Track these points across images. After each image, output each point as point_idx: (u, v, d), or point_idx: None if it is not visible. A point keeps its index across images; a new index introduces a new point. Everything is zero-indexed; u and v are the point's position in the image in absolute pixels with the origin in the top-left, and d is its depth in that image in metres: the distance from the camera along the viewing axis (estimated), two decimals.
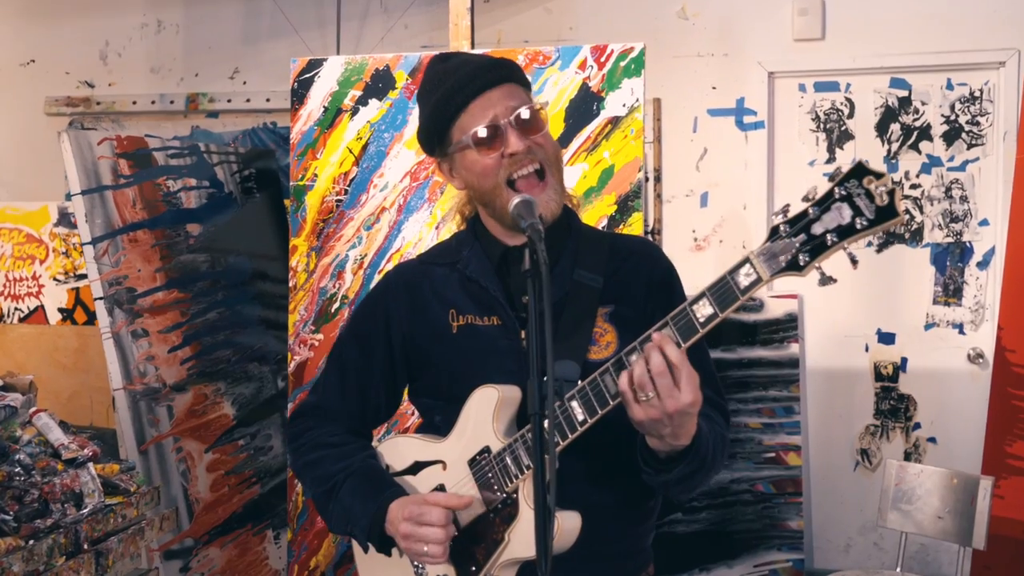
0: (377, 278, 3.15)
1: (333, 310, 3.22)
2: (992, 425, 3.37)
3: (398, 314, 1.97)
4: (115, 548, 2.64)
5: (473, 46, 3.29)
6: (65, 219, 4.75)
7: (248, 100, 5.29)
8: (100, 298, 3.41)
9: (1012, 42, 4.50)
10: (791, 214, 1.54)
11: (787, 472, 4.76)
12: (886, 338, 4.79)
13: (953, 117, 4.66)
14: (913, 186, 4.71)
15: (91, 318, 4.62)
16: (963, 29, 4.57)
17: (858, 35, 4.69)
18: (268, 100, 5.26)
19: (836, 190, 1.50)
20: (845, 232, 1.49)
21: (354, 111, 3.22)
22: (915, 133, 4.70)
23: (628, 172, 3.03)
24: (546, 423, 1.54)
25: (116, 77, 5.42)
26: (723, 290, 1.58)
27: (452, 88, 1.83)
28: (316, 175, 3.23)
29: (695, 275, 1.99)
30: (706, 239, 4.91)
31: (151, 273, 3.64)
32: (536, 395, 1.53)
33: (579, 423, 1.70)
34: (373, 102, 3.20)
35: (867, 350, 4.82)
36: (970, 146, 4.65)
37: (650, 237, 4.75)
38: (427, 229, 3.15)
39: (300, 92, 3.25)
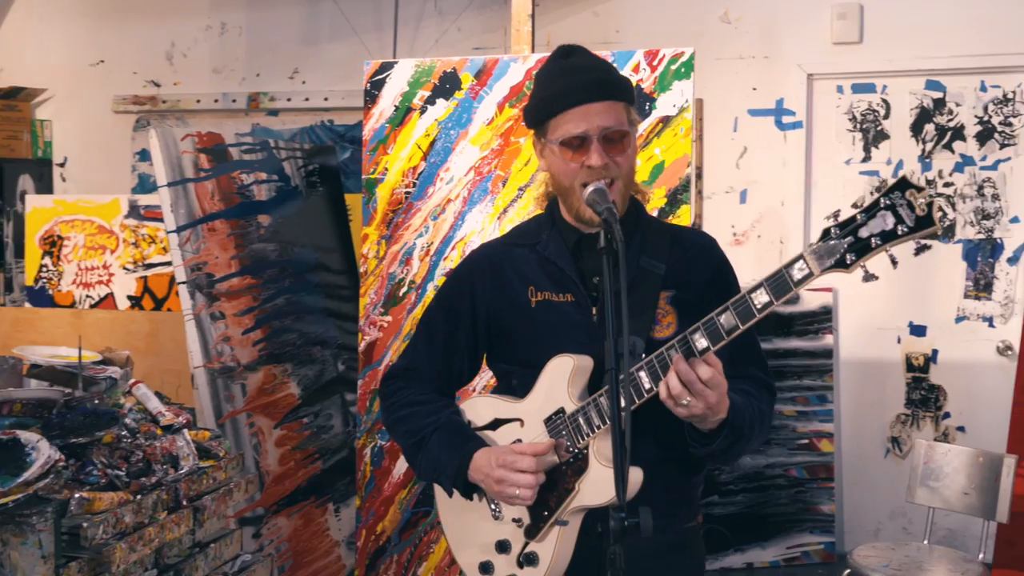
0: (443, 265, 3.40)
1: (401, 294, 3.47)
2: (1018, 408, 3.56)
3: (483, 289, 2.21)
4: (209, 506, 2.89)
5: (533, 50, 3.53)
6: (135, 211, 5.02)
7: (307, 99, 5.55)
8: (183, 282, 3.68)
9: None
10: (841, 219, 1.76)
11: (820, 458, 4.96)
12: (918, 330, 4.98)
13: (986, 118, 4.84)
14: (946, 184, 4.90)
15: (158, 305, 4.89)
16: (997, 33, 4.75)
17: (895, 39, 4.88)
18: (326, 99, 5.52)
19: (882, 200, 1.72)
20: (888, 237, 1.71)
21: (423, 110, 3.46)
22: (949, 133, 4.89)
23: (677, 167, 3.27)
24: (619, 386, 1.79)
25: (181, 77, 5.70)
26: (779, 281, 1.80)
27: (561, 90, 2.04)
28: (387, 169, 3.48)
29: (734, 268, 2.22)
30: (744, 234, 5.12)
31: (227, 260, 3.90)
32: (613, 355, 1.77)
33: (645, 391, 1.93)
34: (440, 102, 3.45)
35: (899, 342, 5.01)
36: (1002, 146, 4.83)
37: None
38: (489, 219, 3.39)
39: (372, 92, 3.50)
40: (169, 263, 4.75)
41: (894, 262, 4.93)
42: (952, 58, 4.83)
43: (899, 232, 1.70)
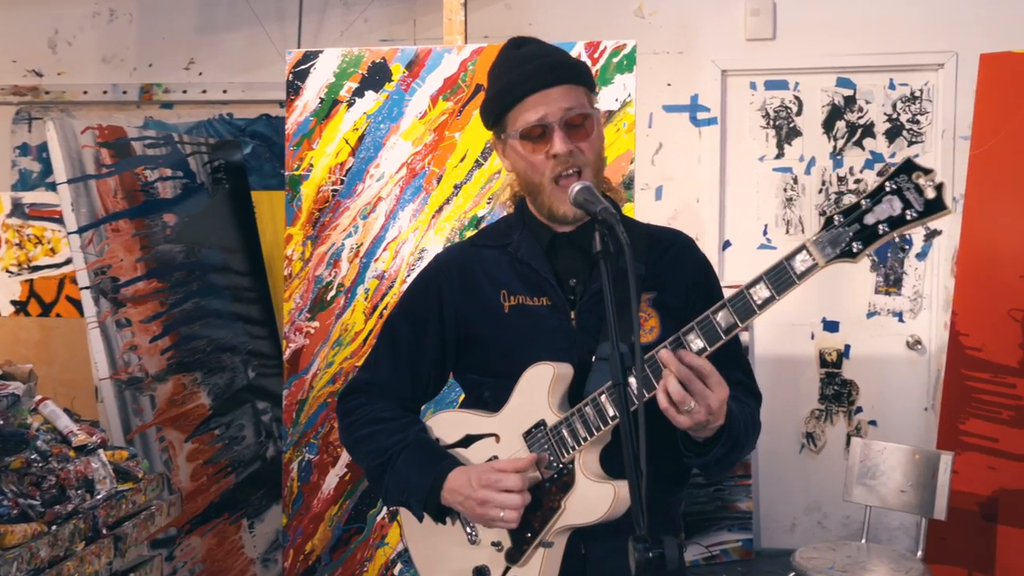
0: (374, 266, 3.22)
1: (329, 298, 3.27)
2: (946, 405, 3.59)
3: (451, 294, 2.04)
4: (131, 533, 2.65)
5: (466, 41, 3.38)
6: (19, 210, 4.67)
7: (204, 91, 5.27)
8: (87, 287, 3.39)
9: (950, 45, 4.77)
10: (843, 206, 1.66)
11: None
12: (831, 326, 5.02)
13: (895, 115, 4.91)
14: (857, 181, 4.95)
15: (45, 310, 4.56)
16: (905, 32, 4.82)
17: (807, 36, 4.90)
18: (225, 92, 5.25)
19: (887, 184, 1.62)
20: (896, 223, 1.61)
21: (350, 103, 3.27)
22: (859, 130, 4.94)
23: (620, 164, 3.16)
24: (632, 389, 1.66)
25: (66, 66, 5.33)
26: (780, 275, 1.70)
27: (516, 78, 1.91)
28: (312, 165, 3.27)
29: None
30: None
31: (132, 263, 3.63)
32: (618, 365, 1.64)
33: (636, 398, 1.80)
34: (369, 94, 3.26)
35: (812, 338, 5.04)
36: (910, 143, 4.90)
37: None
38: (424, 218, 3.22)
39: (295, 83, 3.29)
40: (58, 265, 4.44)
41: (903, 248, 4.95)
42: (862, 56, 4.88)
43: (908, 217, 1.61)
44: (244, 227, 4.47)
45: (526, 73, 1.91)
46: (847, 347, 5.02)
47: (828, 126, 4.97)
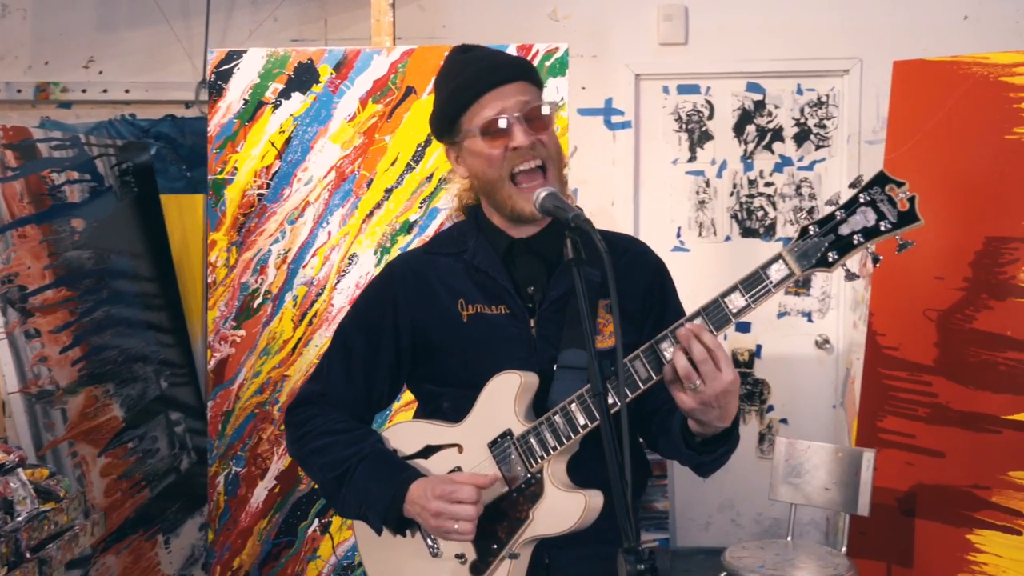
0: (303, 273, 3.14)
1: (255, 305, 3.18)
2: (864, 403, 3.68)
3: (406, 302, 1.99)
4: (55, 556, 2.52)
5: (395, 42, 3.32)
6: None
7: (105, 91, 5.07)
8: None
9: (855, 51, 4.90)
10: (818, 216, 1.68)
11: (652, 456, 4.99)
12: (742, 326, 5.11)
13: (803, 120, 5.02)
14: (767, 184, 5.05)
15: None
16: (812, 39, 4.93)
17: (718, 41, 4.98)
18: (127, 91, 5.06)
19: (861, 196, 1.65)
20: (871, 233, 1.65)
21: (276, 104, 3.18)
22: (769, 134, 5.04)
23: None
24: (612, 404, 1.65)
25: None
26: (756, 284, 1.70)
27: (469, 78, 1.89)
28: (236, 168, 3.17)
29: None
30: None
31: (40, 270, 3.46)
32: (597, 373, 1.63)
33: (608, 406, 1.79)
34: (296, 95, 3.17)
35: (725, 338, 5.12)
36: (818, 147, 5.02)
37: None
38: (355, 223, 3.15)
39: (218, 84, 3.18)
40: None
41: (876, 261, 5.04)
42: (771, 61, 4.97)
43: (882, 228, 1.65)
44: (153, 232, 4.32)
45: (479, 72, 1.90)
46: (758, 347, 5.12)
47: (739, 130, 5.05)
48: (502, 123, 1.87)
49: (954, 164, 3.54)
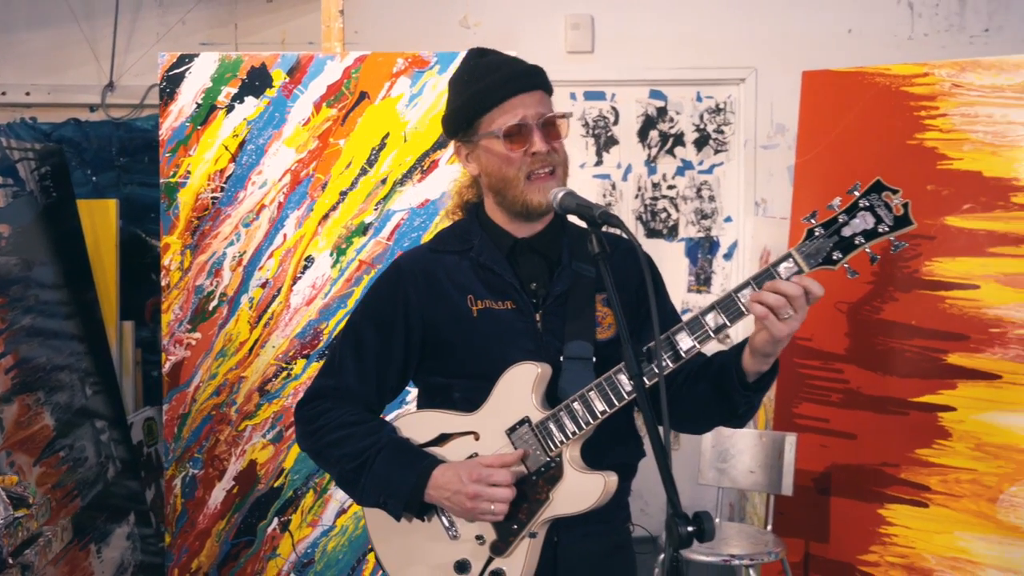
0: (258, 275, 3.17)
1: (211, 308, 3.19)
2: (780, 390, 3.92)
3: (417, 299, 2.09)
4: (34, 562, 2.50)
5: (344, 48, 3.38)
6: None
7: (4, 93, 4.93)
8: None
9: (751, 61, 5.19)
10: (821, 220, 1.87)
11: None
12: None
13: (702, 126, 5.29)
14: (670, 187, 5.29)
15: None
16: (711, 48, 5.20)
17: (623, 50, 5.19)
18: (28, 94, 4.94)
19: (860, 201, 1.85)
20: (870, 235, 1.85)
21: (229, 108, 3.20)
22: (671, 140, 5.28)
23: None
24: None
25: None
26: (767, 280, 1.86)
27: (493, 83, 2.00)
28: (189, 172, 3.17)
29: None
30: None
31: None
32: (632, 360, 1.77)
33: (626, 393, 1.93)
34: (250, 99, 3.20)
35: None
36: (716, 152, 5.30)
37: None
38: (310, 226, 3.20)
39: (170, 88, 3.18)
40: None
41: (873, 260, 5.26)
42: (672, 70, 5.22)
43: (880, 231, 1.84)
44: (70, 238, 4.23)
45: (506, 77, 2.01)
46: None
47: (643, 135, 5.28)
48: (523, 129, 1.99)
49: (860, 167, 3.81)
